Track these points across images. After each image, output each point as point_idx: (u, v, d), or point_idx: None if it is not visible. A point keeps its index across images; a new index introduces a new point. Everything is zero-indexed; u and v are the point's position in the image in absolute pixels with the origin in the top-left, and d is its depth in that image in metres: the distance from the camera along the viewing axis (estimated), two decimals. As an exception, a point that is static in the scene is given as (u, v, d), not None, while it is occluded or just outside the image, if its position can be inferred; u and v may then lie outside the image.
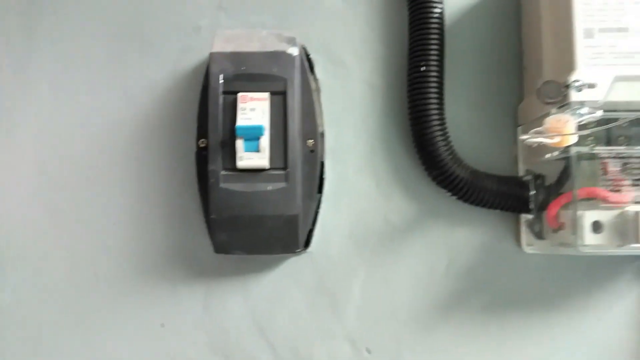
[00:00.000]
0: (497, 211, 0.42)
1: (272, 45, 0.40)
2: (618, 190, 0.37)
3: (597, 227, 0.35)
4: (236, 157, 0.37)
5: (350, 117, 0.45)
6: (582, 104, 0.34)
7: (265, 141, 0.37)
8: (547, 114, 0.34)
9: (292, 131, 0.38)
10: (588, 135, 0.36)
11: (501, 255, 0.43)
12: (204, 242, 0.42)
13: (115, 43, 0.46)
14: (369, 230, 0.44)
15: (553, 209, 0.38)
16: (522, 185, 0.41)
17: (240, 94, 0.38)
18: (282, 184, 0.38)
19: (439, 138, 0.41)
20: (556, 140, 0.32)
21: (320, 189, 0.44)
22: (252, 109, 0.37)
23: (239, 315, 0.44)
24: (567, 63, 0.35)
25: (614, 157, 0.36)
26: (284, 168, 0.38)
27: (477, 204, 0.42)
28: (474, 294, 0.43)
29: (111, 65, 0.46)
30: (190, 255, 0.44)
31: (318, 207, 0.44)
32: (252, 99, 0.38)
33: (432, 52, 0.41)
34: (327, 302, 0.44)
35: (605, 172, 0.37)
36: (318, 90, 0.45)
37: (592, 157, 0.36)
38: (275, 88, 0.39)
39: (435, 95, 0.41)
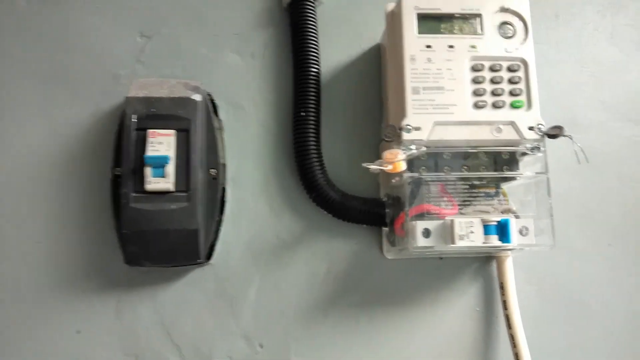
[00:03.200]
0: (365, 226, 0.53)
1: (179, 92, 0.49)
2: (449, 206, 0.49)
3: (426, 233, 0.46)
4: (145, 182, 0.45)
5: (248, 152, 0.55)
6: (411, 142, 0.46)
7: (170, 168, 0.46)
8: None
9: (194, 161, 0.47)
10: (420, 165, 0.48)
11: (369, 261, 0.54)
12: (117, 256, 0.49)
13: (45, 86, 0.54)
14: (263, 244, 0.53)
15: (399, 222, 0.49)
16: (380, 204, 0.52)
17: (149, 130, 0.46)
18: (184, 204, 0.47)
19: (316, 168, 0.52)
20: (389, 168, 0.44)
21: (222, 211, 0.53)
22: (160, 143, 0.46)
23: (149, 320, 0.51)
24: (401, 112, 0.47)
25: (446, 181, 0.48)
26: (187, 190, 0.47)
27: (348, 220, 0.53)
28: (348, 294, 0.53)
29: (41, 105, 0.53)
30: (104, 268, 0.51)
31: (219, 225, 0.53)
32: (159, 134, 0.46)
33: (310, 101, 0.52)
34: (226, 306, 0.52)
35: (441, 193, 0.49)
36: (221, 129, 0.55)
37: (421, 181, 0.47)
38: (180, 126, 0.48)
39: (313, 134, 0.52)
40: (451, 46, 0.48)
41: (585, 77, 0.60)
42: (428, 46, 0.47)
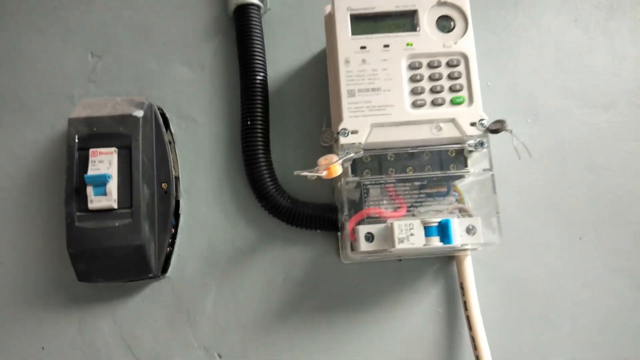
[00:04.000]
0: (319, 231, 0.53)
1: (122, 109, 0.50)
2: (398, 208, 0.48)
3: (370, 237, 0.45)
4: (88, 201, 0.46)
5: (201, 163, 0.55)
6: (349, 146, 0.45)
7: (111, 186, 0.47)
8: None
9: (136, 177, 0.48)
10: (363, 168, 0.47)
11: (326, 266, 0.53)
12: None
13: None
14: (219, 254, 0.54)
15: (349, 226, 0.49)
16: (333, 209, 0.52)
17: (91, 150, 0.47)
18: (127, 220, 0.47)
19: (265, 176, 0.52)
20: (324, 173, 0.43)
21: (176, 223, 0.54)
22: (101, 161, 0.47)
23: (109, 334, 0.52)
24: (339, 116, 0.46)
25: (385, 183, 0.47)
26: (130, 207, 0.48)
27: (300, 227, 0.52)
28: (306, 300, 0.53)
29: (-6, 130, 0.55)
30: (65, 285, 0.52)
31: (174, 238, 0.53)
32: (100, 153, 0.47)
33: (257, 108, 0.52)
34: (184, 317, 0.53)
35: (390, 195, 0.48)
36: (173, 142, 0.55)
37: (360, 185, 0.46)
38: (122, 144, 0.48)
39: (261, 143, 0.52)
40: (386, 45, 0.47)
41: (547, 63, 0.58)
42: (362, 47, 0.47)
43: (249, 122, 0.52)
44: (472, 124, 0.46)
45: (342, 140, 0.45)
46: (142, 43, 0.57)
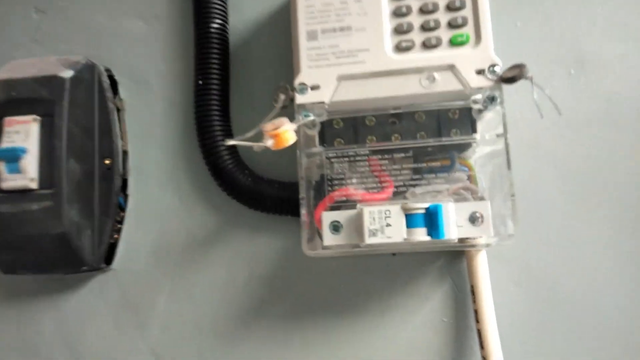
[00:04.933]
0: (293, 217, 0.42)
1: (49, 70, 0.41)
2: (382, 188, 0.37)
3: (336, 227, 0.34)
4: (0, 179, 0.38)
5: (154, 135, 0.46)
6: (310, 106, 0.34)
7: (27, 162, 0.38)
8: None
9: (59, 151, 0.39)
10: (334, 135, 0.36)
11: (300, 261, 0.43)
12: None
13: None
14: (172, 244, 0.45)
15: (317, 212, 0.38)
16: (304, 189, 0.41)
17: (6, 119, 0.39)
18: (48, 203, 0.39)
19: (221, 148, 0.41)
20: (270, 143, 0.32)
21: (122, 206, 0.45)
22: (17, 132, 0.39)
23: (50, 334, 0.45)
24: (297, 67, 0.35)
25: (354, 156, 0.36)
26: (51, 187, 0.39)
27: (266, 211, 0.42)
28: (275, 302, 0.43)
29: None
30: (3, 277, 0.45)
31: (121, 223, 0.45)
32: (17, 122, 0.39)
33: (212, 64, 0.42)
34: (132, 318, 0.44)
35: (375, 171, 0.37)
36: (122, 109, 0.46)
37: (322, 158, 0.35)
38: (46, 111, 0.40)
39: (217, 107, 0.42)
40: (360, -32, 0.35)
41: (600, -4, 0.43)
42: (328, -27, 0.35)
43: (200, 82, 0.42)
44: (480, 72, 0.33)
45: (299, 98, 0.34)
46: (89, -7, 0.48)
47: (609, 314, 0.40)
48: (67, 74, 0.41)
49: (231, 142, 0.32)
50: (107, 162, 0.44)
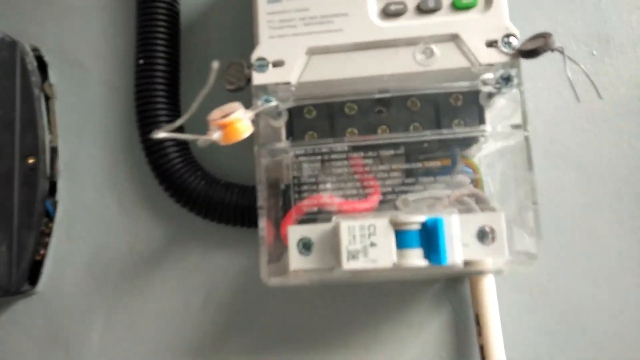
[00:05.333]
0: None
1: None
2: (367, 195, 0.29)
3: (306, 246, 0.26)
4: None
5: (90, 127, 0.38)
6: (272, 87, 0.26)
7: None
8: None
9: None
10: (306, 127, 0.28)
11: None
12: None
13: None
14: (111, 262, 0.36)
15: (284, 225, 0.30)
16: (270, 195, 0.33)
17: None
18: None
19: (167, 143, 0.33)
20: (217, 135, 0.24)
21: (50, 215, 0.37)
22: None
23: (-40, 372, 0.37)
24: (256, 38, 0.27)
25: (329, 153, 0.28)
26: (-53, 193, 0.31)
27: (223, 221, 0.34)
28: (236, 334, 0.35)
29: None
30: None
31: (48, 236, 0.37)
32: None
33: (156, 40, 0.34)
34: (61, 351, 0.36)
35: (358, 173, 0.29)
36: (52, 97, 0.38)
37: (288, 157, 0.27)
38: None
39: (162, 92, 0.34)
40: None
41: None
42: None
43: (141, 61, 0.34)
44: (491, 44, 0.25)
45: (257, 77, 0.26)
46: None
47: (644, 349, 0.33)
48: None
49: (161, 135, 0.24)
50: (30, 161, 0.36)
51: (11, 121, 0.35)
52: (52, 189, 0.37)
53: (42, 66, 0.38)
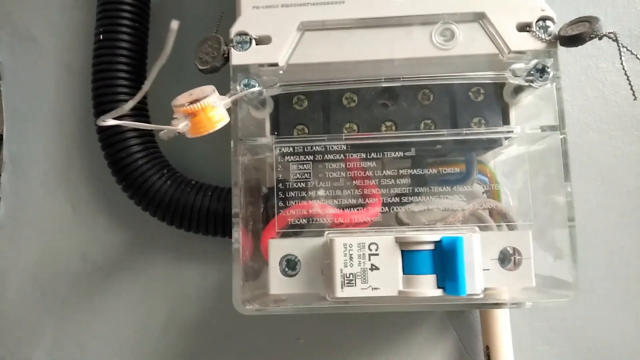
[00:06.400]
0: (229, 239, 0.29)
1: None
2: (365, 205, 0.24)
3: (290, 266, 0.22)
4: None
5: (42, 113, 0.32)
6: (255, 70, 0.21)
7: None
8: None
9: None
10: (296, 120, 0.23)
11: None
12: None
13: None
14: (60, 272, 0.31)
15: (265, 238, 0.25)
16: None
17: None
18: None
19: (125, 132, 0.28)
20: (183, 125, 0.19)
21: (-10, 215, 0.31)
22: None
23: None
24: (237, 8, 0.22)
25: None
26: None
27: (192, 229, 0.29)
28: (205, 358, 0.30)
29: None
30: None
31: (-14, 240, 0.31)
32: None
33: (117, 11, 0.29)
34: (-3, 377, 0.31)
35: (355, 177, 0.24)
36: (0, 78, 0.33)
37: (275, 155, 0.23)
38: None
39: (125, 72, 0.28)
40: None
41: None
42: None
43: (101, 37, 0.28)
44: (524, 28, 0.21)
45: (237, 56, 0.21)
46: None
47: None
48: None
49: (108, 121, 0.19)
50: (-34, 150, 0.30)
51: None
52: (-7, 185, 0.32)
53: (-13, 41, 0.33)
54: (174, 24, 0.14)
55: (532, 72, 0.21)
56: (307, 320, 0.30)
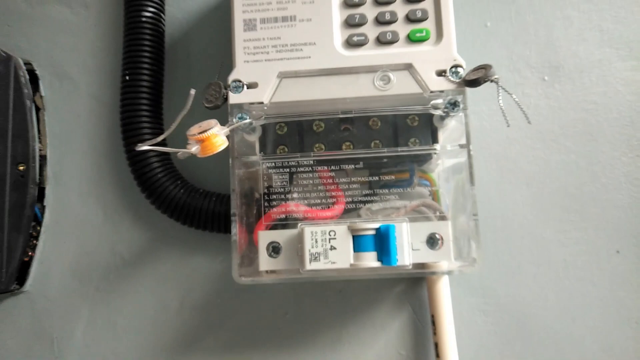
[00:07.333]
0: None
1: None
2: (333, 204, 0.32)
3: (274, 249, 0.29)
4: None
5: (77, 138, 0.40)
6: (246, 107, 0.29)
7: None
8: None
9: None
10: (278, 142, 0.31)
11: (241, 285, 0.37)
12: None
13: None
14: (94, 264, 0.39)
15: (255, 230, 0.33)
16: (245, 203, 0.36)
17: None
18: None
19: (149, 153, 0.36)
20: (195, 149, 0.27)
21: (38, 219, 0.39)
22: None
23: (-54, 369, 0.38)
24: (233, 61, 0.30)
25: (297, 166, 0.31)
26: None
27: (201, 228, 0.37)
28: (210, 334, 0.37)
29: None
30: None
31: (36, 239, 0.39)
32: None
33: (141, 57, 0.37)
34: (46, 348, 0.38)
35: (326, 184, 0.32)
36: (42, 108, 0.40)
37: (261, 168, 0.30)
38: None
39: (147, 107, 0.36)
40: (308, -50, 0.30)
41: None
42: (270, -47, 0.30)
43: (127, 77, 0.36)
44: (441, 73, 0.29)
45: (233, 97, 0.29)
46: (8, -25, 0.42)
47: (588, 346, 0.36)
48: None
49: (143, 147, 0.27)
50: (21, 168, 0.38)
51: (4, 130, 0.38)
52: (41, 195, 0.39)
53: (34, 79, 0.41)
54: (192, 92, 0.22)
55: (447, 106, 0.29)
56: (291, 298, 0.37)
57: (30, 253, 0.39)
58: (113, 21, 0.41)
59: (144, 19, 0.37)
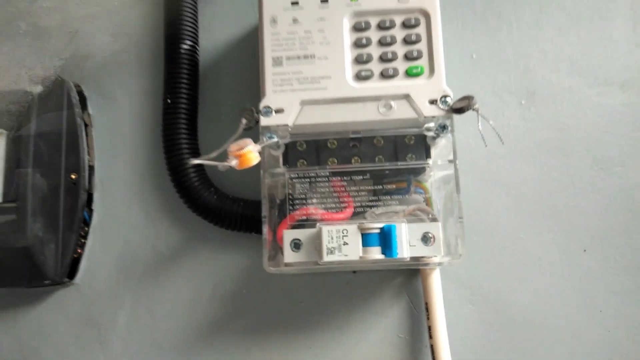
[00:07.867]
0: (257, 234, 0.43)
1: (19, 83, 0.42)
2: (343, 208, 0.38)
3: (296, 245, 0.35)
4: (-37, 192, 0.39)
5: (121, 151, 0.47)
6: (274, 128, 0.36)
7: (-10, 176, 0.39)
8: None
9: (25, 166, 0.40)
10: (297, 157, 0.37)
11: (263, 278, 0.44)
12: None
13: None
14: (136, 260, 0.45)
15: (280, 230, 0.39)
16: (267, 208, 0.42)
17: (-28, 132, 0.40)
18: (11, 217, 0.39)
19: (187, 165, 0.42)
20: (234, 163, 0.34)
21: (87, 221, 0.45)
22: (-17, 145, 0.39)
23: (7, 350, 0.44)
24: (262, 91, 0.37)
25: (315, 177, 0.37)
26: (15, 201, 0.39)
27: (230, 228, 0.43)
28: (236, 318, 0.44)
29: None
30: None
31: (85, 238, 0.45)
32: (-17, 137, 0.39)
33: (181, 83, 0.43)
34: (93, 334, 0.44)
35: (337, 191, 0.38)
36: (90, 125, 0.47)
37: (285, 179, 0.37)
38: (11, 125, 0.40)
39: (184, 125, 0.43)
40: (324, 0, 0.37)
41: (549, 30, 0.46)
42: (294, 2, 0.37)
43: (169, 100, 0.43)
44: (433, 102, 0.35)
45: (264, 121, 0.36)
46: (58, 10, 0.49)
47: (559, 332, 0.42)
48: (36, 89, 0.42)
49: (196, 161, 0.33)
50: (73, 176, 0.44)
51: (59, 144, 0.44)
52: (89, 200, 0.46)
53: (83, 99, 0.47)
54: (244, 120, 0.29)
55: (438, 128, 0.35)
56: (306, 289, 0.44)
57: (79, 250, 0.45)
58: (151, 49, 0.48)
59: (183, 51, 0.43)
